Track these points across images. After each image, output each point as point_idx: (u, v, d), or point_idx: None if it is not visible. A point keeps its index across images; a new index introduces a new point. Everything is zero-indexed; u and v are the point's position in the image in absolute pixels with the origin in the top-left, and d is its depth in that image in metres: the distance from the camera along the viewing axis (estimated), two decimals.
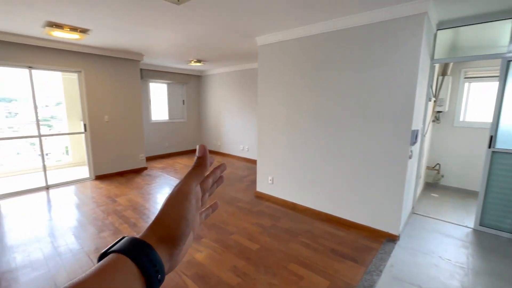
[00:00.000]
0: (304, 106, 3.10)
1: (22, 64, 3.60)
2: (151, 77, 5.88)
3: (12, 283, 1.93)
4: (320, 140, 3.00)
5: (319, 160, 3.03)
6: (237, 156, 6.28)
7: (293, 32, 3.04)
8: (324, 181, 3.02)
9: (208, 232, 2.69)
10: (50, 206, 3.37)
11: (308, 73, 3.01)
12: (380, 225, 2.65)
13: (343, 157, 2.83)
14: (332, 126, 2.87)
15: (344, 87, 2.74)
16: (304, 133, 3.13)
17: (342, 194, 2.89)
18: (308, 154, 3.14)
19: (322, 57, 2.87)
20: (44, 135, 4.16)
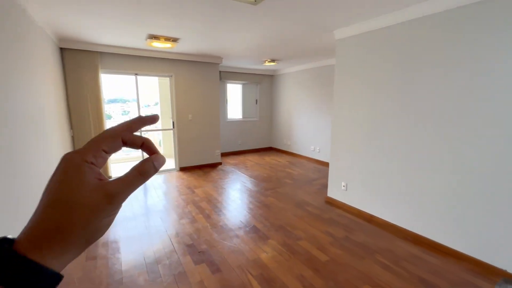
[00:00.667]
0: (389, 106, 2.68)
1: (130, 71, 4.38)
2: (228, 78, 6.28)
3: (116, 252, 2.35)
4: (410, 145, 2.54)
5: (407, 168, 2.57)
6: (308, 157, 6.07)
7: (379, 21, 2.66)
8: (413, 194, 2.55)
9: (275, 234, 2.65)
10: (146, 191, 4.00)
11: (397, 68, 2.58)
12: (495, 260, 2.05)
13: (443, 167, 2.31)
14: (430, 130, 2.38)
15: (451, 86, 2.22)
16: (389, 136, 2.72)
17: (438, 211, 2.37)
18: (392, 161, 2.71)
19: (417, 49, 2.40)
20: (145, 130, 4.97)
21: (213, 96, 5.30)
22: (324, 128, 5.52)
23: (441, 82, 2.25)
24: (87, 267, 2.12)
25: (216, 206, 3.37)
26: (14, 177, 1.61)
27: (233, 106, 6.86)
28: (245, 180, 4.52)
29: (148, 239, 2.56)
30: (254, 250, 2.37)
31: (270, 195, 3.75)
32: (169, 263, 2.18)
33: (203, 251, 2.36)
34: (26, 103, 2.01)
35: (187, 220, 2.97)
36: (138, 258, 2.25)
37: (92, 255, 2.28)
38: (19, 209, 1.70)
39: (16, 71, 1.85)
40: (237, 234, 2.65)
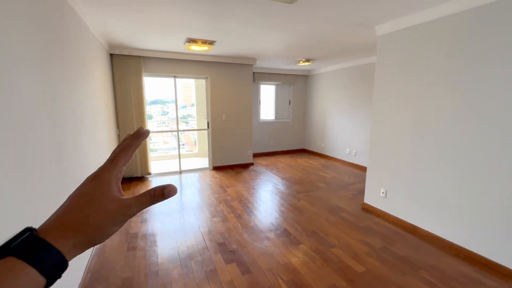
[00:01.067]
0: (443, 105, 2.42)
1: (169, 74, 4.63)
2: (261, 79, 6.30)
3: (153, 244, 2.49)
4: (468, 150, 2.26)
5: (464, 175, 2.29)
6: (343, 160, 5.80)
7: (426, 14, 2.42)
8: (470, 206, 2.26)
9: (307, 239, 2.56)
10: (181, 188, 4.18)
11: (455, 64, 2.31)
12: None
13: (509, 177, 2.01)
14: (495, 133, 2.09)
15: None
16: (441, 138, 2.45)
17: (500, 228, 2.07)
18: (444, 167, 2.44)
19: (474, 43, 2.13)
20: (181, 130, 5.22)
21: (247, 97, 5.35)
22: (361, 130, 5.22)
23: (497, 80, 1.96)
24: (128, 257, 2.27)
25: (247, 207, 3.39)
26: (65, 175, 1.79)
27: (265, 107, 6.86)
28: (276, 181, 4.47)
29: (182, 235, 2.66)
30: (285, 254, 2.32)
31: (302, 199, 3.66)
32: (201, 260, 2.23)
33: (233, 250, 2.37)
34: (82, 103, 2.23)
35: (219, 219, 3.03)
36: (173, 253, 2.34)
37: (132, 246, 2.44)
38: None
39: (77, 74, 2.06)
40: (267, 236, 2.62)
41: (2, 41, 1.06)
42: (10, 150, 1.06)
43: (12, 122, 1.10)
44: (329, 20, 2.75)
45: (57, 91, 1.65)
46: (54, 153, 1.54)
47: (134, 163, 4.47)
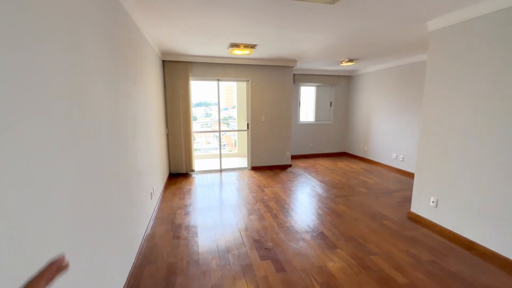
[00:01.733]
0: (502, 107, 2.14)
1: (213, 78, 4.91)
2: (302, 81, 6.25)
3: (195, 235, 2.68)
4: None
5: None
6: (388, 165, 5.42)
7: (490, 3, 2.16)
8: None
9: (345, 244, 2.49)
10: (221, 185, 4.40)
11: None
12: None
13: None
14: None
15: None
16: (500, 144, 2.17)
17: None
18: (505, 175, 2.14)
19: None
20: (222, 131, 5.48)
21: (286, 98, 5.38)
22: (410, 134, 4.83)
23: None
24: (173, 244, 2.49)
25: (284, 207, 3.41)
26: (130, 177, 2.06)
27: (305, 109, 6.78)
28: (314, 184, 4.40)
29: (221, 229, 2.82)
30: (320, 256, 2.29)
31: (341, 203, 3.54)
32: (238, 254, 2.34)
33: (269, 248, 2.43)
34: (141, 106, 2.54)
35: (255, 217, 3.12)
36: (212, 245, 2.50)
37: (177, 235, 2.67)
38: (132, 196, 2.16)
39: (137, 82, 2.36)
40: (303, 238, 2.62)
41: (83, 58, 1.30)
42: (89, 156, 1.29)
43: (89, 131, 1.33)
44: (374, 19, 2.64)
45: (120, 99, 1.92)
46: (115, 158, 1.80)
47: (180, 160, 4.84)
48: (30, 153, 0.85)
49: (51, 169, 0.97)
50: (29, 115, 0.85)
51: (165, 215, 3.16)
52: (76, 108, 1.19)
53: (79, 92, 1.22)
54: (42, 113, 0.92)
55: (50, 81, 0.98)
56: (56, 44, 1.03)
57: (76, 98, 1.19)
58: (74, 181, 1.15)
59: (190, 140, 4.85)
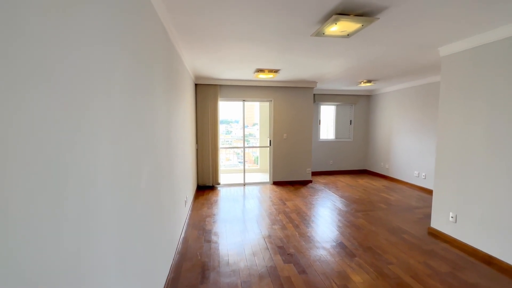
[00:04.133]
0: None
1: (239, 98, 5.38)
2: (322, 100, 6.56)
3: (224, 240, 2.97)
4: None
5: None
6: (410, 183, 5.42)
7: (498, 32, 2.38)
8: None
9: (363, 253, 2.64)
10: (245, 198, 4.69)
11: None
12: None
13: None
14: None
15: None
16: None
17: None
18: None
19: None
20: (247, 147, 5.86)
21: (307, 117, 5.69)
22: (431, 151, 4.87)
23: None
24: (205, 247, 2.79)
25: (305, 219, 3.61)
26: (175, 181, 2.46)
27: (325, 127, 7.02)
28: (334, 199, 4.55)
29: (246, 236, 3.08)
30: (339, 263, 2.47)
31: (360, 217, 3.67)
32: (263, 257, 2.58)
33: (291, 253, 2.65)
34: (182, 123, 2.99)
35: (278, 226, 3.35)
36: (239, 249, 2.77)
37: (207, 239, 2.98)
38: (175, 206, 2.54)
39: (179, 104, 2.82)
40: (323, 246, 2.81)
41: (154, 90, 1.73)
42: (154, 159, 1.69)
43: (156, 140, 1.74)
44: (388, 47, 2.94)
45: (169, 116, 2.36)
46: (167, 162, 2.20)
47: (207, 174, 5.24)
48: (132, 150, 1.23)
49: (139, 166, 1.35)
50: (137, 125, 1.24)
51: (196, 222, 3.49)
52: (151, 120, 1.60)
53: (152, 108, 1.64)
54: (137, 124, 1.32)
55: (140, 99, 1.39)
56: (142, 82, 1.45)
57: (150, 113, 1.60)
58: (147, 176, 1.53)
59: (217, 155, 5.27)
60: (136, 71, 1.36)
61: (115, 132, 1.07)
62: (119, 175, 1.12)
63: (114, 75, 1.07)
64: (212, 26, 2.36)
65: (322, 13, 2.07)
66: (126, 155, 1.19)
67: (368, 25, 2.12)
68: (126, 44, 1.20)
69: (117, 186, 1.09)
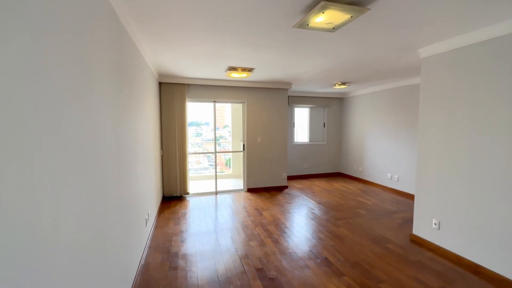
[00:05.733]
0: (499, 129, 2.22)
1: (210, 99, 4.94)
2: (296, 103, 6.38)
3: (193, 265, 2.52)
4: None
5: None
6: (383, 185, 5.45)
7: (478, 34, 2.31)
8: None
9: (351, 270, 2.39)
10: (217, 209, 4.25)
11: (508, 85, 2.14)
12: None
13: None
14: None
15: None
16: (504, 165, 2.21)
17: None
18: (510, 197, 2.17)
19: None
20: (218, 152, 5.41)
21: (281, 120, 5.44)
22: (404, 154, 4.92)
23: None
24: (170, 276, 2.32)
25: (284, 232, 3.30)
26: (129, 202, 1.96)
27: (299, 130, 6.86)
28: (313, 206, 4.33)
29: (220, 257, 2.67)
30: (328, 286, 2.18)
31: (341, 226, 3.47)
32: (240, 285, 2.19)
33: (273, 278, 2.30)
34: (141, 128, 2.48)
35: (256, 243, 2.99)
36: (212, 275, 2.35)
37: (173, 266, 2.50)
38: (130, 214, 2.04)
39: (135, 103, 2.32)
40: (307, 265, 2.51)
41: (92, 75, 1.26)
42: (89, 173, 1.22)
43: (95, 152, 1.26)
44: (370, 46, 2.77)
45: (120, 121, 1.87)
46: (116, 181, 1.71)
47: (174, 183, 4.70)
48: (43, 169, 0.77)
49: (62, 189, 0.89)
50: (46, 133, 0.79)
51: (160, 243, 2.98)
52: (85, 129, 1.13)
53: (88, 112, 1.17)
54: (53, 134, 0.86)
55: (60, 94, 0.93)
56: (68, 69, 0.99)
57: (86, 119, 1.14)
58: (78, 204, 1.06)
59: (185, 162, 4.75)
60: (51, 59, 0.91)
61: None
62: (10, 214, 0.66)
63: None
64: (174, 13, 1.94)
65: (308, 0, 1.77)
66: (22, 183, 0.74)
67: (358, 16, 1.88)
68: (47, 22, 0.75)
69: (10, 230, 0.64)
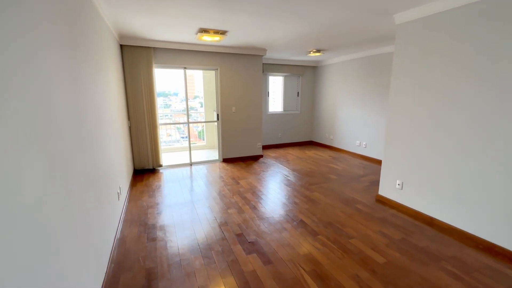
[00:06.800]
0: (461, 99, 2.37)
1: (180, 65, 4.58)
2: (270, 71, 6.22)
3: (172, 235, 2.51)
4: (490, 139, 2.22)
5: (485, 167, 2.26)
6: (352, 152, 5.77)
7: (452, 1, 2.34)
8: (487, 196, 2.24)
9: (324, 230, 2.57)
10: (193, 180, 4.19)
11: (471, 56, 2.25)
12: None
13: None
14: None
15: None
16: (459, 132, 2.41)
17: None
18: (464, 158, 2.41)
19: (500, 33, 2.06)
20: (191, 122, 5.20)
21: (256, 88, 5.30)
22: (372, 122, 5.17)
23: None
24: (149, 247, 2.29)
25: (262, 198, 3.40)
26: (98, 176, 1.79)
27: (274, 99, 6.80)
28: (287, 173, 4.47)
29: (199, 226, 2.68)
30: (303, 244, 2.33)
31: (315, 190, 3.66)
32: (222, 251, 2.25)
33: (253, 241, 2.39)
34: (102, 95, 2.21)
35: (234, 210, 3.04)
36: (193, 243, 2.36)
37: (152, 237, 2.47)
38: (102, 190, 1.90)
39: (94, 66, 2.04)
40: (284, 227, 2.64)
41: (36, 34, 1.04)
42: (43, 143, 1.06)
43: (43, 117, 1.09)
44: (345, 9, 2.67)
45: (78, 83, 1.64)
46: (80, 154, 1.54)
47: (145, 155, 4.48)
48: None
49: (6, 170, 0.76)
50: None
51: (135, 216, 2.90)
52: (34, 99, 0.95)
53: (35, 79, 0.98)
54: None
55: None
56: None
57: (32, 86, 0.95)
58: (37, 183, 0.93)
59: (156, 133, 4.50)
60: None
61: None
62: None
63: None
64: None
65: None
66: None
67: None
68: None
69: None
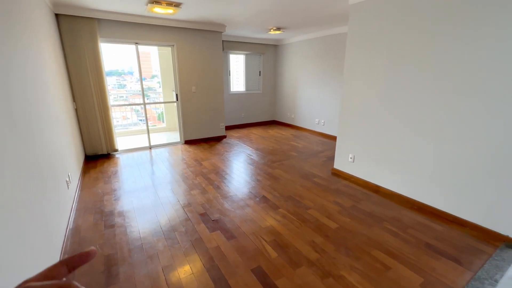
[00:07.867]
0: (407, 78, 2.61)
1: (130, 40, 4.18)
2: (231, 48, 6.03)
3: (132, 221, 2.43)
4: (419, 115, 2.51)
5: (416, 139, 2.58)
6: (312, 130, 6.06)
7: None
8: (420, 164, 2.58)
9: (285, 203, 2.73)
10: (153, 163, 4.03)
11: (424, 35, 2.46)
12: (497, 226, 2.14)
13: (453, 137, 2.31)
14: (441, 101, 2.34)
15: (475, 58, 2.13)
16: (403, 110, 2.68)
17: (444, 181, 2.42)
18: (401, 132, 2.70)
19: (445, 16, 2.27)
20: (148, 103, 4.88)
21: (217, 67, 5.13)
22: (330, 101, 5.44)
23: (477, 52, 2.16)
24: (107, 234, 2.20)
25: (225, 178, 3.43)
26: (30, 153, 1.61)
27: (236, 78, 6.68)
28: (251, 153, 4.55)
29: (161, 209, 2.64)
30: (265, 218, 2.45)
31: (277, 167, 3.81)
32: (185, 231, 2.26)
33: (216, 219, 2.44)
34: (32, 75, 1.93)
35: (197, 191, 3.04)
36: (155, 227, 2.33)
37: (110, 224, 2.36)
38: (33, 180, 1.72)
39: (14, 38, 1.75)
40: (247, 204, 2.73)
41: None
42: None
43: None
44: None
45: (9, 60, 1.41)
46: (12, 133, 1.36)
47: (98, 140, 4.14)
48: None
49: None
50: None
51: (89, 204, 2.72)
52: None
53: None
54: None
55: None
56: None
57: None
58: None
59: (108, 115, 4.15)
60: None
61: None
62: None
63: None
64: None
65: None
66: None
67: None
68: None
69: None
